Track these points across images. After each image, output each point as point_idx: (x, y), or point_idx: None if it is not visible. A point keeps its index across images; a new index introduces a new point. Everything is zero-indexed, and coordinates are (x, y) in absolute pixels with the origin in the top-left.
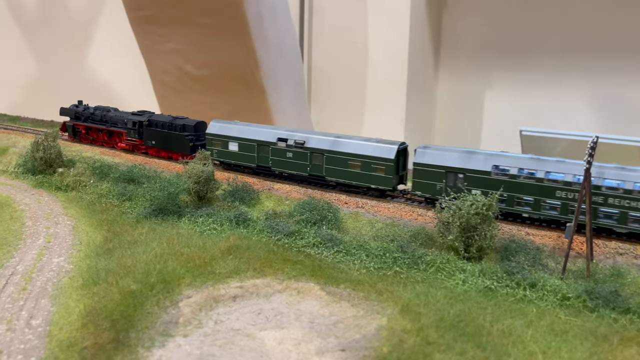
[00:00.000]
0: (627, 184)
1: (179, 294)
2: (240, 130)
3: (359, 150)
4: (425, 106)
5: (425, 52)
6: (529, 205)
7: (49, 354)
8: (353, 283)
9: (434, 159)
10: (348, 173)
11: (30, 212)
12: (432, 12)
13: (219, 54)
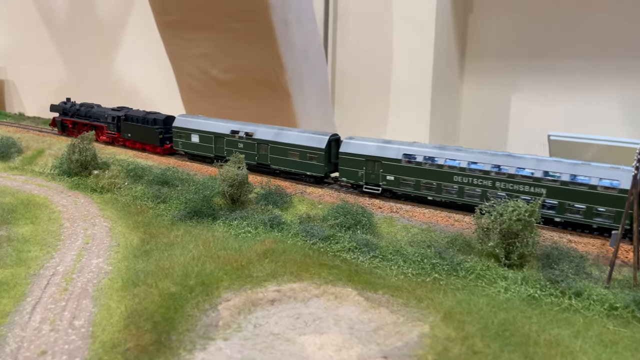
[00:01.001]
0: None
1: (218, 297)
2: (201, 124)
3: (296, 140)
4: (450, 109)
5: (450, 55)
6: (432, 189)
7: (92, 354)
8: (391, 289)
9: (356, 148)
10: (288, 161)
11: (67, 213)
12: (458, 15)
13: (245, 58)
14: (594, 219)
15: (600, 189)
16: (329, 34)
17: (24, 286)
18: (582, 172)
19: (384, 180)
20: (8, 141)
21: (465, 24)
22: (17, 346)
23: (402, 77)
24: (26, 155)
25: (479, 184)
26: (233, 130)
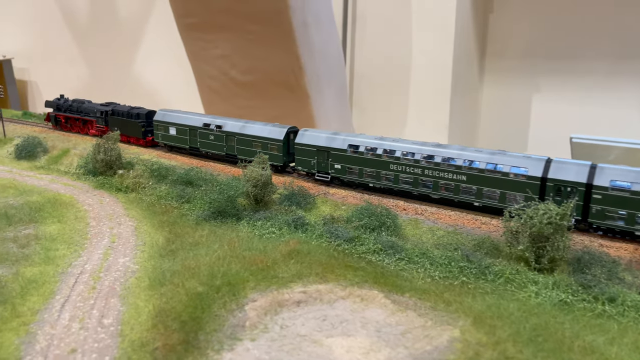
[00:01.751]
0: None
1: (244, 297)
2: (178, 117)
3: (259, 132)
4: (470, 111)
5: (470, 56)
6: (372, 176)
7: (122, 353)
8: (418, 292)
9: (308, 140)
10: (253, 152)
11: (93, 212)
12: (478, 15)
13: (264, 60)
14: (507, 204)
15: (512, 175)
16: (348, 35)
17: (53, 284)
18: (498, 161)
19: (332, 169)
20: (34, 141)
21: (486, 24)
22: (47, 344)
23: (421, 78)
24: (52, 155)
25: (411, 172)
26: (205, 124)
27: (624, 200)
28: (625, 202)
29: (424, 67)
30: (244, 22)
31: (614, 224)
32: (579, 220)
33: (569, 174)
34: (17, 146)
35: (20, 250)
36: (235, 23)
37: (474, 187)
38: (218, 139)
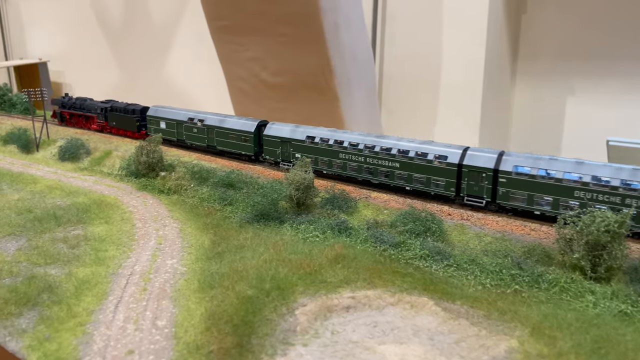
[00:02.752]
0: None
1: (294, 302)
2: (167, 112)
3: (234, 126)
4: (501, 113)
5: (502, 57)
6: (326, 164)
7: (178, 355)
8: (470, 300)
9: (274, 132)
10: (229, 143)
11: (138, 214)
12: (511, 17)
13: (295, 62)
14: (431, 187)
15: (435, 163)
16: (377, 36)
17: (105, 285)
18: (425, 150)
19: (293, 158)
20: (77, 143)
21: (518, 26)
22: (104, 344)
23: (452, 80)
24: (94, 157)
25: (355, 160)
26: (190, 118)
27: (525, 183)
28: (526, 184)
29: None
30: (275, 24)
31: (517, 204)
32: (488, 202)
33: (480, 161)
34: (60, 148)
35: (71, 250)
36: (267, 26)
37: (406, 173)
38: (200, 131)
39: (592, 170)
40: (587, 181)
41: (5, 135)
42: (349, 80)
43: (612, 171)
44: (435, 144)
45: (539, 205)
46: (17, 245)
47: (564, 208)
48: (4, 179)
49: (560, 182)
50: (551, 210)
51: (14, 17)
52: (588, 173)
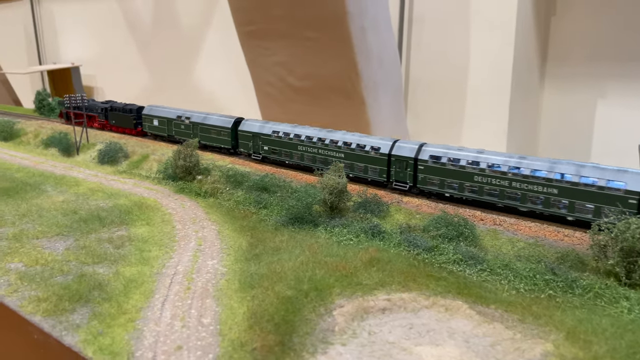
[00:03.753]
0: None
1: (332, 303)
2: (159, 111)
3: (215, 122)
4: (530, 117)
5: (530, 60)
6: (288, 155)
7: (224, 352)
8: (504, 304)
9: (247, 127)
10: (211, 137)
11: (177, 216)
12: (540, 19)
13: (321, 66)
14: (369, 174)
15: (372, 153)
16: (404, 39)
17: (151, 283)
18: (364, 142)
19: (262, 150)
20: (115, 146)
21: (547, 27)
22: (154, 340)
23: (479, 83)
24: (132, 160)
25: (309, 151)
26: (178, 116)
27: (437, 170)
28: (438, 171)
29: (482, 72)
30: (301, 29)
31: (432, 188)
32: (411, 186)
33: (404, 151)
34: (100, 151)
35: (116, 250)
36: (294, 30)
37: (349, 162)
38: (187, 127)
39: (488, 158)
40: (484, 167)
41: (46, 139)
42: (375, 84)
43: (503, 159)
44: (371, 137)
45: (449, 188)
46: (65, 245)
47: (469, 191)
48: (48, 181)
49: (464, 168)
50: (457, 192)
51: (47, 23)
52: (485, 161)
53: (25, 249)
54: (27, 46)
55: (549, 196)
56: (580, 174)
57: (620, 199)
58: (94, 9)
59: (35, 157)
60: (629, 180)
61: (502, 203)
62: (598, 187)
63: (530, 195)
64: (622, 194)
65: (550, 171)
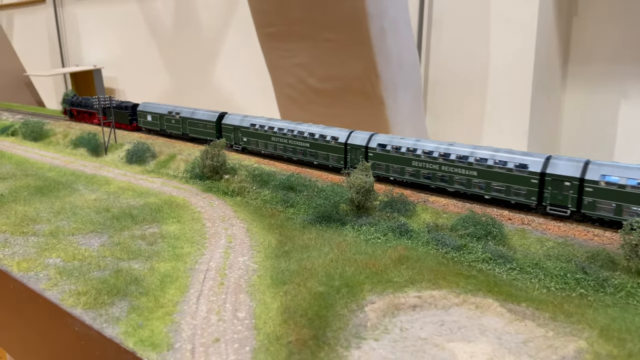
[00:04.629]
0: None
1: (363, 299)
2: (153, 107)
3: (201, 117)
4: (551, 118)
5: (552, 61)
6: (264, 145)
7: (260, 345)
8: (535, 302)
9: (229, 121)
10: (197, 131)
11: (206, 214)
12: (561, 19)
13: (341, 67)
14: (330, 161)
15: (332, 142)
16: (423, 39)
17: (185, 279)
18: (323, 132)
19: (242, 141)
20: (143, 146)
21: (569, 28)
22: (191, 333)
23: (500, 84)
24: (160, 160)
25: (280, 141)
26: (169, 111)
27: (384, 156)
28: (384, 157)
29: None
30: (321, 30)
31: (380, 172)
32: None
33: (357, 140)
34: (128, 151)
35: (150, 247)
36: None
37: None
38: (177, 122)
39: (424, 145)
40: (420, 154)
41: (75, 139)
42: (394, 85)
43: (435, 145)
44: (331, 128)
45: (394, 172)
46: (100, 241)
47: (409, 175)
48: (80, 180)
49: (404, 154)
50: (398, 176)
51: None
52: (421, 147)
53: (62, 245)
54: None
55: (470, 178)
56: (494, 158)
57: (524, 180)
58: (116, 11)
59: (65, 157)
60: (531, 163)
61: (434, 184)
62: (507, 169)
63: (457, 178)
64: (526, 174)
65: (470, 156)
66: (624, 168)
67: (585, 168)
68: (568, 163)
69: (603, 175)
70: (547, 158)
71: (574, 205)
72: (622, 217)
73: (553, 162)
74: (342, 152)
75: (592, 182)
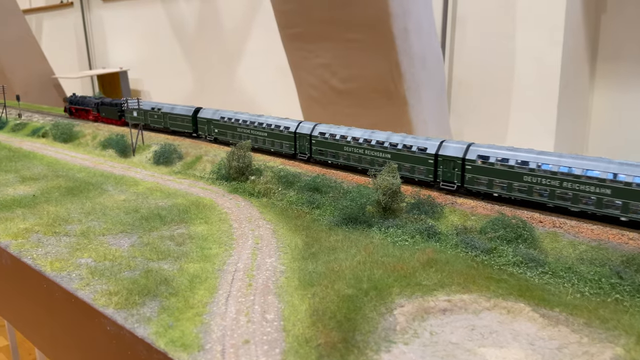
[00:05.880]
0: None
1: (392, 302)
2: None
3: (180, 112)
4: (579, 117)
5: (580, 59)
6: (233, 136)
7: (289, 347)
8: (569, 307)
9: (203, 114)
10: (176, 124)
11: (233, 215)
12: (589, 16)
13: (364, 68)
14: (283, 149)
15: (285, 132)
16: (447, 39)
17: (214, 280)
18: (278, 123)
19: (213, 133)
20: (170, 148)
21: (597, 25)
22: (221, 334)
23: (526, 83)
24: (186, 161)
25: (244, 132)
26: (152, 107)
27: (325, 143)
28: (326, 144)
29: (529, 71)
30: (344, 31)
31: (321, 157)
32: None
33: (304, 129)
34: (155, 152)
35: (178, 247)
36: (336, 32)
37: (271, 140)
38: (159, 117)
39: (352, 132)
40: (349, 140)
41: (104, 141)
42: (418, 84)
43: (361, 132)
44: (284, 120)
45: (331, 157)
46: (130, 242)
47: (342, 159)
48: (109, 181)
49: (338, 141)
50: (334, 160)
51: (97, 29)
52: (349, 135)
53: (92, 245)
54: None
55: (386, 160)
56: (403, 142)
57: (425, 160)
58: (141, 14)
59: (94, 158)
60: (430, 146)
61: (361, 167)
62: (411, 152)
63: (376, 160)
64: (425, 156)
65: (385, 141)
66: (496, 149)
67: (467, 150)
68: (454, 145)
69: (479, 156)
70: (440, 142)
71: (459, 181)
72: (493, 190)
73: (444, 145)
74: (292, 140)
75: (471, 161)
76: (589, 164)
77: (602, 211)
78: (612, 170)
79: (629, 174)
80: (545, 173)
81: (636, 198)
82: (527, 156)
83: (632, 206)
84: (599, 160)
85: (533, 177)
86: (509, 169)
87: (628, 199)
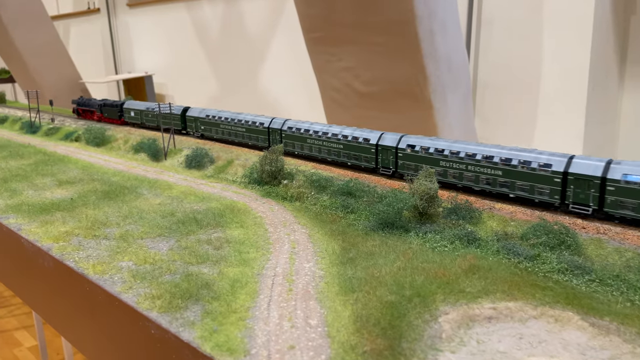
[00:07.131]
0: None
1: (436, 309)
2: (135, 104)
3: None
4: (608, 119)
5: (609, 61)
6: (215, 132)
7: (335, 354)
8: (619, 316)
9: (191, 113)
10: (167, 122)
11: (267, 219)
12: (618, 18)
13: (388, 70)
14: (259, 142)
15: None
16: (472, 41)
17: (254, 284)
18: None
19: (200, 129)
20: (202, 152)
21: (627, 27)
22: (266, 339)
23: (553, 86)
24: (218, 165)
25: (226, 129)
26: (147, 107)
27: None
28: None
29: (556, 74)
30: (368, 34)
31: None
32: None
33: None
34: (187, 157)
35: (216, 251)
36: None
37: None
38: (153, 116)
39: (314, 127)
40: (312, 133)
41: (136, 145)
42: (443, 87)
43: (321, 126)
44: (257, 116)
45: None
46: (168, 245)
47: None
48: (143, 185)
49: (302, 134)
50: (300, 151)
51: (123, 34)
52: (311, 128)
53: (132, 248)
54: (104, 56)
55: (340, 150)
56: (352, 134)
57: (368, 150)
58: (166, 19)
59: (127, 162)
60: (372, 137)
61: (320, 156)
62: (358, 142)
63: (333, 151)
64: (368, 145)
65: (339, 133)
66: (422, 139)
67: (400, 140)
68: (390, 136)
69: (408, 145)
70: (380, 134)
71: (394, 167)
72: (416, 173)
73: (383, 137)
74: (265, 134)
75: (402, 149)
76: (490, 150)
77: (497, 189)
78: (503, 155)
79: (512, 157)
80: (456, 158)
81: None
82: (444, 144)
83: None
84: (500, 147)
85: (446, 162)
86: (429, 155)
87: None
